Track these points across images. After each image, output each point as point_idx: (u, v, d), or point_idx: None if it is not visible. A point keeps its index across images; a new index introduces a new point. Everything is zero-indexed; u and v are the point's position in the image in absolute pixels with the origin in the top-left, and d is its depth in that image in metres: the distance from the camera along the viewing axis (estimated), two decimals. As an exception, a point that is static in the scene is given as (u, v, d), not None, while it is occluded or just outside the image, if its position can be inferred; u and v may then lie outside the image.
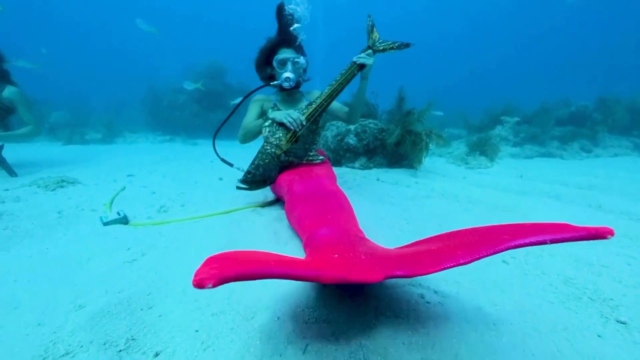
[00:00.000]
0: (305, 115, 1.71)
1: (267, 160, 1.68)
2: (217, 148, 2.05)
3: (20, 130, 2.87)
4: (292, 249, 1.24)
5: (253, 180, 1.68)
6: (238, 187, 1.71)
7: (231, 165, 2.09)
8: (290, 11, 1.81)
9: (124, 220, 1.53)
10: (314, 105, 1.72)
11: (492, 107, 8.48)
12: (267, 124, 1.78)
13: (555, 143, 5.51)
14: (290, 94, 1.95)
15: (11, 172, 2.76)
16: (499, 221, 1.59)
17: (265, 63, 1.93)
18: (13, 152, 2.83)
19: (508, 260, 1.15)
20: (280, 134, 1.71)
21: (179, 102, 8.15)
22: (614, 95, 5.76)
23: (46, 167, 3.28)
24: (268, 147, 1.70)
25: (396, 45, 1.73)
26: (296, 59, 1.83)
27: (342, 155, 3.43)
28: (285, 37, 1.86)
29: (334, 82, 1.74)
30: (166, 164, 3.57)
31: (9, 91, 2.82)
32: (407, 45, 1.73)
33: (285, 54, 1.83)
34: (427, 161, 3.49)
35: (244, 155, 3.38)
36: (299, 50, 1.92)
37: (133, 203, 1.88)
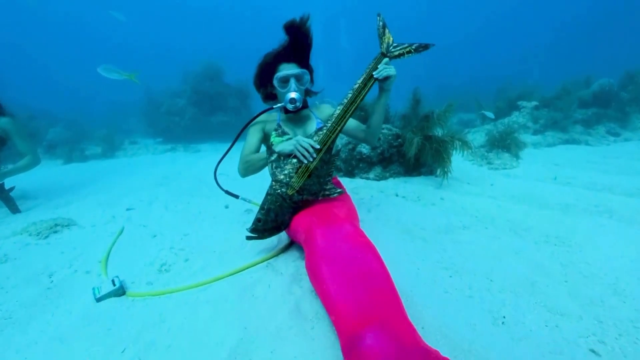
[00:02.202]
0: (318, 143, 1.45)
1: (278, 203, 1.45)
2: (220, 156, 1.82)
3: (19, 163, 2.71)
4: (322, 333, 1.01)
5: (264, 227, 1.46)
6: (248, 238, 1.49)
7: (236, 196, 1.87)
8: (308, 28, 1.54)
9: (119, 292, 1.32)
10: (325, 131, 1.46)
11: (505, 87, 8.02)
12: (272, 157, 1.52)
13: (578, 128, 5.14)
14: (295, 114, 1.70)
15: (14, 210, 2.60)
16: (559, 263, 1.34)
17: (265, 81, 1.68)
18: (11, 180, 2.67)
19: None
20: (290, 169, 1.46)
21: (178, 107, 7.88)
22: (642, 69, 5.29)
23: (44, 197, 3.11)
24: (277, 187, 1.46)
25: (414, 47, 1.44)
26: (300, 75, 1.58)
27: (354, 165, 3.17)
28: (286, 51, 1.59)
29: (345, 100, 1.47)
30: (168, 186, 3.36)
31: (1, 122, 2.65)
32: (426, 47, 1.44)
33: (286, 70, 1.57)
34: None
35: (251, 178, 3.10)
36: (303, 62, 1.64)
37: (131, 257, 1.68)
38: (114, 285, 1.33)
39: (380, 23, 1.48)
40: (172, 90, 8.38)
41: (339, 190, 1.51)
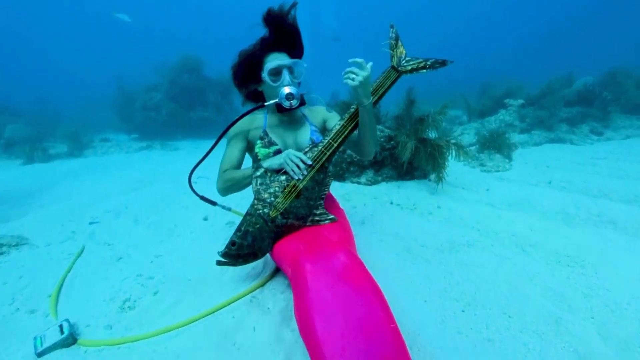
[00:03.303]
0: (311, 160, 1.25)
1: (257, 226, 1.23)
2: (200, 154, 1.50)
3: None
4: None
5: (239, 253, 1.22)
6: (219, 263, 1.25)
7: (214, 203, 1.61)
8: (293, 17, 1.31)
9: (68, 341, 1.08)
10: (320, 147, 1.26)
11: (489, 82, 8.03)
12: (258, 173, 1.30)
13: (563, 126, 5.17)
14: (287, 115, 1.45)
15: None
16: (580, 291, 1.21)
17: (249, 77, 1.41)
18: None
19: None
20: (276, 187, 1.26)
21: (154, 101, 7.39)
22: (624, 69, 5.38)
23: (-6, 207, 2.74)
24: (259, 207, 1.25)
25: (429, 63, 1.25)
26: (293, 66, 1.33)
27: (345, 168, 2.98)
28: (275, 38, 1.34)
29: (346, 115, 1.27)
30: (140, 192, 3.05)
31: None
32: (443, 63, 1.26)
33: (277, 60, 1.31)
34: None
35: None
36: (296, 51, 1.40)
37: (90, 289, 1.42)
38: (62, 333, 1.09)
39: (393, 35, 1.29)
40: (147, 83, 7.85)
41: (330, 216, 1.30)
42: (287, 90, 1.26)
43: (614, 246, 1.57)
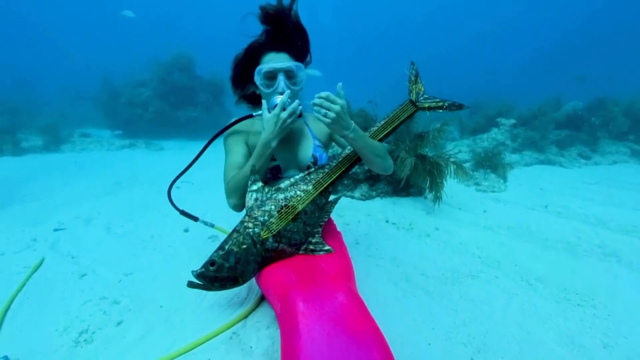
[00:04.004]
0: (313, 184, 1.13)
1: (244, 246, 1.06)
2: (186, 155, 1.32)
3: None
4: None
5: (217, 275, 1.03)
6: (190, 285, 1.03)
7: (195, 219, 1.44)
8: (296, 12, 1.17)
9: (3, 388, 0.88)
10: (326, 169, 1.15)
11: (480, 101, 8.17)
12: (254, 187, 1.14)
13: (553, 149, 5.24)
14: None
15: None
16: (598, 339, 1.11)
17: (244, 78, 1.24)
18: None
19: None
20: (273, 206, 1.11)
21: (141, 98, 7.09)
22: (611, 96, 5.54)
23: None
24: (250, 225, 1.09)
25: (446, 104, 1.19)
26: (292, 70, 1.14)
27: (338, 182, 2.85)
28: (277, 36, 1.17)
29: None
30: (117, 195, 2.82)
31: None
32: (459, 107, 1.19)
33: (274, 62, 1.13)
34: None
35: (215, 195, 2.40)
36: (301, 54, 1.22)
37: (42, 313, 1.22)
38: (-5, 377, 0.89)
39: (414, 72, 1.23)
40: (136, 78, 7.55)
41: (326, 247, 1.14)
42: (277, 99, 1.10)
43: (622, 284, 1.49)
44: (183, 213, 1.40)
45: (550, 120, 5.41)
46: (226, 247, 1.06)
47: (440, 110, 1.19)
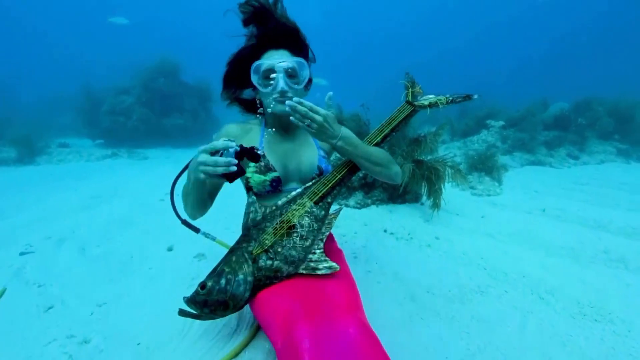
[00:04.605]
0: (309, 195, 1.01)
1: (235, 265, 0.93)
2: (173, 164, 1.15)
3: None
4: None
5: (207, 300, 0.90)
6: (181, 313, 0.93)
7: (197, 230, 1.27)
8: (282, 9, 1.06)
9: None
10: (324, 180, 1.03)
11: (470, 102, 8.26)
12: (251, 199, 1.04)
13: (542, 149, 5.29)
14: (291, 132, 1.16)
15: None
16: (617, 356, 1.02)
17: (239, 78, 1.11)
18: None
19: None
20: (267, 223, 1.00)
21: (124, 106, 6.83)
22: (597, 97, 5.65)
23: None
24: (244, 245, 0.98)
25: (450, 98, 1.11)
26: (294, 68, 1.01)
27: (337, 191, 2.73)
28: (274, 33, 1.05)
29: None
30: (94, 211, 2.62)
31: None
32: (466, 97, 1.11)
33: (272, 58, 1.01)
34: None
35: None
36: (300, 50, 1.10)
37: (-6, 360, 1.04)
38: None
39: (409, 80, 1.16)
40: (118, 85, 7.28)
41: (329, 264, 1.01)
42: (276, 99, 0.99)
43: (635, 293, 1.42)
44: (185, 223, 1.23)
45: (538, 121, 5.47)
46: (218, 268, 0.94)
47: (444, 105, 1.11)
